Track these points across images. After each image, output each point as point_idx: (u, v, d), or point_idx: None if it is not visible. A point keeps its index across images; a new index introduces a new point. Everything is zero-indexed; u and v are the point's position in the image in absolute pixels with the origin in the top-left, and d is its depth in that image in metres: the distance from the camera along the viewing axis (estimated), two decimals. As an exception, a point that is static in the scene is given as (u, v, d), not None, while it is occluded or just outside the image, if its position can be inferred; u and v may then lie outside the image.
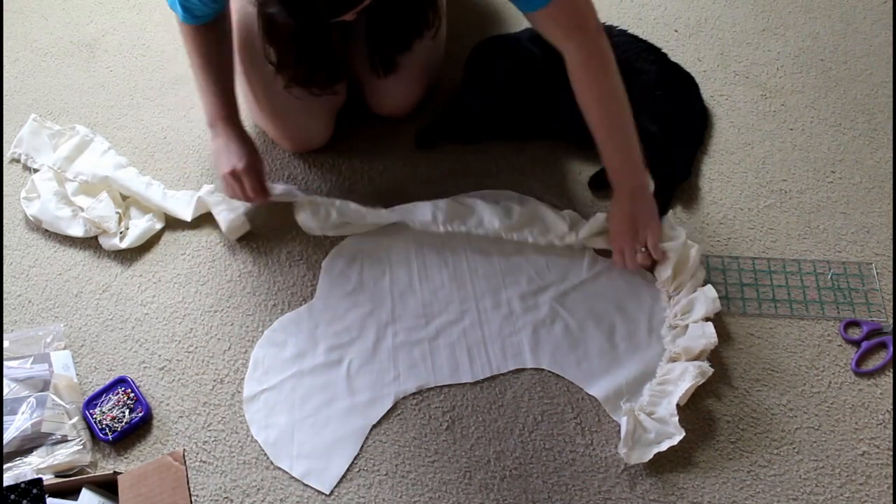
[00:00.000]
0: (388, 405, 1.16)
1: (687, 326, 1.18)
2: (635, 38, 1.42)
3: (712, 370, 1.13)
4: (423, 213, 1.27)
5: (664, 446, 1.08)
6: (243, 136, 1.25)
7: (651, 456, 1.08)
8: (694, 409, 1.14)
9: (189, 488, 1.06)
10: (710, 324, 1.16)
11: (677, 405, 1.11)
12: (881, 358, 1.20)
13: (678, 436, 1.08)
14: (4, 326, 1.22)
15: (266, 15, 1.06)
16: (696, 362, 1.13)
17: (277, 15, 0.95)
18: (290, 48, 1.10)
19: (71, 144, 1.36)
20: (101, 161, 1.35)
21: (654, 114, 1.35)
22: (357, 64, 1.33)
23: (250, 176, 1.22)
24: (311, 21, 0.98)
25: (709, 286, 1.20)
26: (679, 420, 1.09)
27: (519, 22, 1.55)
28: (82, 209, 1.29)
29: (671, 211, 1.34)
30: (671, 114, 1.37)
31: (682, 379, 1.12)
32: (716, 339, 1.14)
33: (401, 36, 1.18)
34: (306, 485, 1.10)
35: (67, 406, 1.12)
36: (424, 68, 1.36)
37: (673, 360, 1.16)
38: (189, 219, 1.30)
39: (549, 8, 1.08)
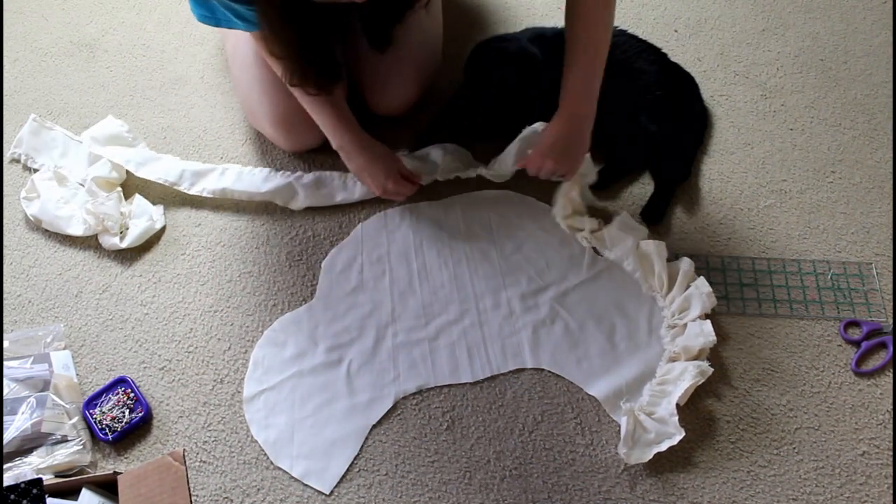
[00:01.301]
0: (388, 405, 1.16)
1: (685, 325, 1.18)
2: (635, 38, 1.42)
3: (712, 370, 1.13)
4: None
5: (664, 446, 1.08)
6: (376, 147, 1.28)
7: (651, 456, 1.08)
8: (694, 409, 1.14)
9: (189, 488, 1.06)
10: (708, 322, 1.16)
11: (677, 405, 1.11)
12: (881, 358, 1.20)
13: (678, 436, 1.08)
14: (4, 326, 1.22)
15: (268, 11, 1.05)
16: (696, 362, 1.13)
17: None
18: (288, 46, 1.10)
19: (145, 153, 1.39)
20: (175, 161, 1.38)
21: (654, 114, 1.35)
22: (355, 63, 1.33)
23: (400, 186, 1.28)
24: None
25: (700, 279, 1.20)
26: (679, 420, 1.09)
27: (519, 22, 1.56)
28: (91, 198, 1.30)
29: (672, 211, 1.34)
30: (671, 114, 1.37)
31: (682, 379, 1.12)
32: (714, 338, 1.14)
33: (395, 7, 1.17)
34: (306, 485, 1.10)
35: (67, 406, 1.12)
36: (421, 65, 1.36)
37: (672, 359, 1.16)
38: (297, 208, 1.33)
39: None
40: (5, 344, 1.18)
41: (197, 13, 1.19)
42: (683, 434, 1.08)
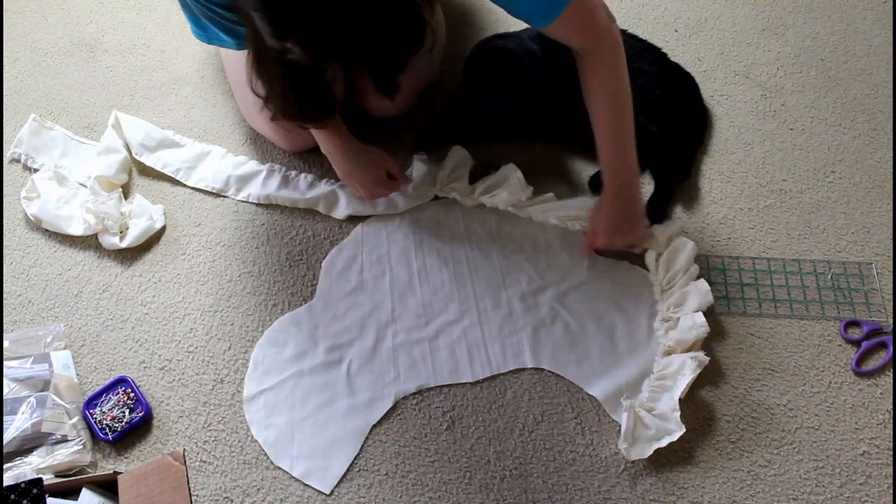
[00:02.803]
0: (388, 405, 1.16)
1: (678, 319, 1.18)
2: (635, 38, 1.42)
3: (708, 359, 1.13)
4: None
5: (664, 442, 1.08)
6: (362, 151, 1.27)
7: (651, 452, 1.08)
8: (694, 409, 1.15)
9: (189, 488, 1.06)
10: (699, 314, 1.16)
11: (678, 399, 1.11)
12: (881, 358, 1.20)
13: (678, 432, 1.08)
14: (4, 326, 1.22)
15: (257, 48, 1.03)
16: (692, 353, 1.13)
17: (297, 56, 0.92)
18: (279, 81, 1.09)
19: (192, 152, 1.39)
20: (221, 166, 1.38)
21: (654, 114, 1.35)
22: (351, 68, 1.33)
23: (388, 189, 1.29)
24: (328, 61, 0.96)
25: (702, 280, 1.21)
26: (679, 416, 1.10)
27: (519, 22, 1.55)
28: (93, 196, 1.30)
29: (672, 211, 1.34)
30: (671, 114, 1.37)
31: (682, 374, 1.12)
32: (707, 328, 1.15)
33: (400, 59, 1.17)
34: (306, 485, 1.10)
35: (67, 406, 1.12)
36: (419, 74, 1.35)
37: (667, 353, 1.17)
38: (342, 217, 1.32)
39: (560, 18, 1.09)
40: (5, 344, 1.18)
41: (192, 29, 1.20)
42: (684, 430, 1.08)
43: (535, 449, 1.13)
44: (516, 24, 1.53)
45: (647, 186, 1.36)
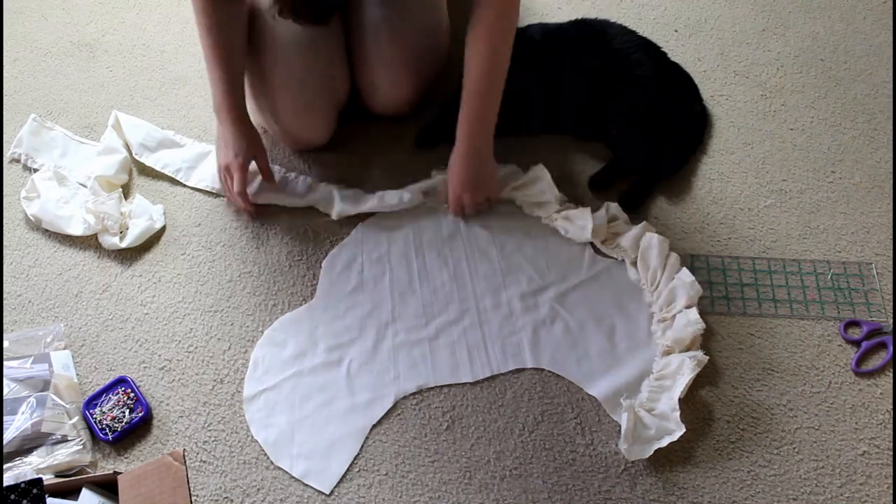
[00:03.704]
0: (388, 405, 1.16)
1: (674, 318, 1.18)
2: (634, 33, 1.41)
3: (707, 357, 1.14)
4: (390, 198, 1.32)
5: (664, 442, 1.08)
6: (245, 129, 1.25)
7: (651, 452, 1.08)
8: (694, 409, 1.15)
9: (189, 488, 1.06)
10: (693, 310, 1.17)
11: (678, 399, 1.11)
12: (881, 358, 1.20)
13: (678, 431, 1.08)
14: (4, 326, 1.22)
15: None
16: (691, 353, 1.13)
17: None
18: None
19: (192, 153, 1.39)
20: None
21: (653, 114, 1.35)
22: (354, 58, 1.32)
23: (240, 174, 1.25)
24: None
25: (684, 270, 1.21)
26: (679, 416, 1.10)
27: (519, 20, 1.55)
28: (93, 196, 1.30)
29: (672, 211, 1.34)
30: (669, 113, 1.37)
31: (681, 373, 1.12)
32: (702, 324, 1.15)
33: None
34: (306, 485, 1.10)
35: (67, 406, 1.12)
36: (415, 65, 1.34)
37: (666, 353, 1.17)
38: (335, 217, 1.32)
39: None
40: (5, 344, 1.18)
41: None
42: (684, 430, 1.08)
43: (535, 449, 1.13)
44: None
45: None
